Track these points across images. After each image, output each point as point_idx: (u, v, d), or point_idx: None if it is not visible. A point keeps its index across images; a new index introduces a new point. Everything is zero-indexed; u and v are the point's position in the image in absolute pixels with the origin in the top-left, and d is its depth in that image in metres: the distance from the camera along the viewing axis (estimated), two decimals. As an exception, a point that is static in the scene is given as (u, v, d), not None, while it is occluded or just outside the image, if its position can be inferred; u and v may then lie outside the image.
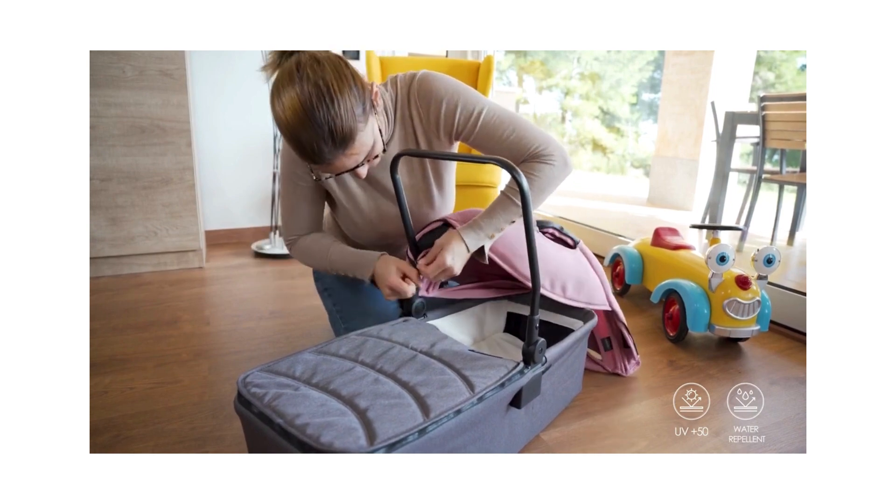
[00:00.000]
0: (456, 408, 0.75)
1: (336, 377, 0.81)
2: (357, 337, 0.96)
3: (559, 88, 8.52)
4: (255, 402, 0.74)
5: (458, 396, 0.77)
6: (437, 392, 0.77)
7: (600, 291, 1.18)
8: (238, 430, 1.03)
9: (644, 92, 7.31)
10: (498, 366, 0.86)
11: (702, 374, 1.32)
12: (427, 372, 0.83)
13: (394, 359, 0.87)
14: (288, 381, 0.79)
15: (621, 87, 7.65)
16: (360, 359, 0.88)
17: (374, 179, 1.14)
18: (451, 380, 0.81)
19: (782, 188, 2.77)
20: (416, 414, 0.72)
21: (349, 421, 0.69)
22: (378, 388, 0.78)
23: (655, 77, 6.54)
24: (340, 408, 0.73)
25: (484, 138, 1.05)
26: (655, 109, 4.88)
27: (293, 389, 0.76)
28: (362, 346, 0.91)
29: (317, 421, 0.69)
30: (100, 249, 1.93)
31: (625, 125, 7.77)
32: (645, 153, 6.83)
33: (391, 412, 0.72)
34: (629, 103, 7.70)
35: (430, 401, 0.75)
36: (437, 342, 0.94)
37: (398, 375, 0.82)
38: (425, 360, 0.87)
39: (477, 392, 0.79)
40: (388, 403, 0.74)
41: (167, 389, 1.18)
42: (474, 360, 0.88)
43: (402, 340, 0.94)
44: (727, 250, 1.40)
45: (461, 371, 0.84)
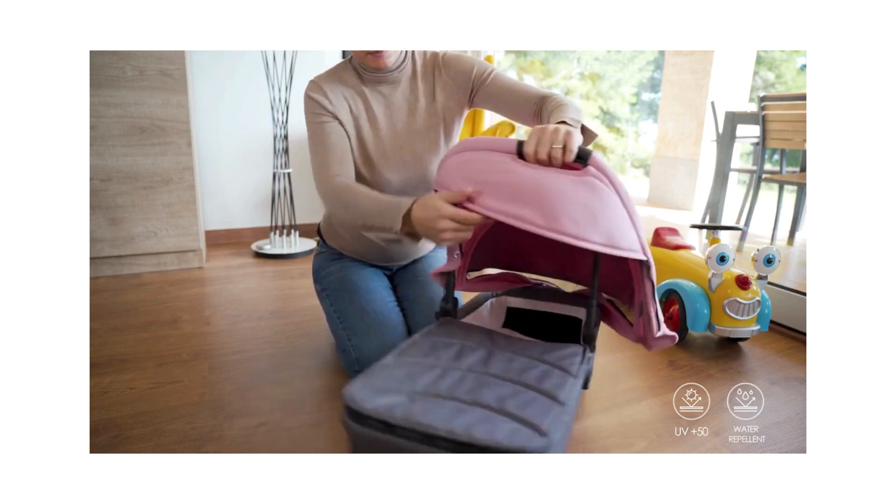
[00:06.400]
0: (572, 389, 0.78)
1: (437, 382, 0.79)
2: (422, 341, 0.93)
3: (559, 88, 8.52)
4: (384, 419, 0.69)
5: (564, 381, 0.80)
6: (547, 381, 0.79)
7: (630, 232, 0.84)
8: (238, 429, 1.03)
9: (644, 92, 7.31)
10: (572, 353, 0.90)
11: (702, 374, 1.32)
12: (517, 364, 0.85)
13: (474, 358, 0.88)
14: (396, 393, 0.75)
15: (621, 87, 7.65)
16: (443, 364, 0.86)
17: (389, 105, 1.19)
18: (547, 369, 0.84)
19: (782, 188, 2.77)
20: (551, 403, 0.74)
21: (502, 419, 0.69)
22: (495, 388, 0.78)
23: (655, 77, 6.54)
24: (480, 410, 0.72)
25: (497, 87, 1.16)
26: (655, 109, 4.88)
27: (410, 400, 0.73)
28: (434, 352, 0.89)
29: (478, 424, 0.67)
30: (100, 249, 1.93)
31: (625, 125, 7.77)
32: (645, 153, 6.83)
33: (532, 406, 0.72)
34: (629, 103, 7.70)
35: (548, 388, 0.77)
36: (496, 338, 0.97)
37: (496, 373, 0.83)
38: (507, 356, 0.89)
39: (576, 375, 0.82)
40: (524, 400, 0.74)
41: (167, 389, 1.18)
42: (549, 349, 0.92)
43: (461, 340, 0.94)
44: (727, 250, 1.40)
45: (546, 360, 0.87)
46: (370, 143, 1.19)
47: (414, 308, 1.25)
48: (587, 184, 0.82)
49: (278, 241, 2.35)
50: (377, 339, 1.15)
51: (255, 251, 2.35)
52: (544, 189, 0.81)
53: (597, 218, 0.80)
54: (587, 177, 0.82)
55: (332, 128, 1.15)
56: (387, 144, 1.20)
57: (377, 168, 1.19)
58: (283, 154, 2.30)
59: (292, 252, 2.32)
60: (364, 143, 1.18)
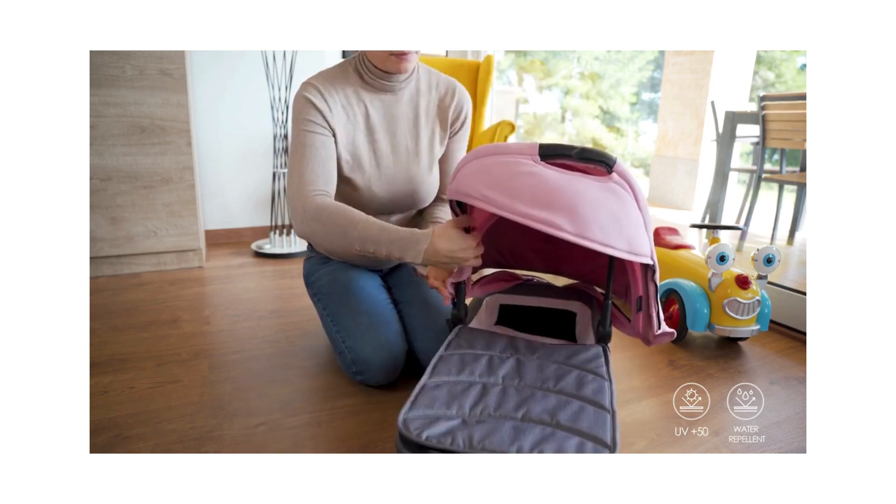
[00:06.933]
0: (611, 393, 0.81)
1: (482, 400, 0.80)
2: (448, 356, 0.93)
3: (559, 88, 8.52)
4: (446, 448, 0.69)
5: (602, 386, 0.82)
6: (586, 388, 0.82)
7: (645, 239, 0.87)
8: (238, 429, 1.03)
9: (644, 92, 7.32)
10: (595, 355, 0.93)
11: (702, 374, 1.32)
12: (549, 372, 0.87)
13: (506, 369, 0.89)
14: (448, 418, 0.75)
15: (621, 86, 7.66)
16: (478, 378, 0.86)
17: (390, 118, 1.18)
18: (580, 375, 0.86)
19: (782, 188, 2.77)
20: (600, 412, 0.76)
21: (564, 435, 0.71)
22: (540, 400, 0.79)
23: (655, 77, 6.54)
24: (538, 427, 0.73)
25: (449, 151, 1.26)
26: (655, 109, 4.88)
27: (464, 424, 0.74)
28: (465, 366, 0.90)
29: (543, 443, 0.69)
30: (100, 249, 1.93)
31: (625, 125, 7.77)
32: (645, 153, 6.83)
33: (584, 418, 0.74)
34: (629, 103, 7.70)
35: (589, 395, 0.79)
36: (516, 342, 0.99)
37: (532, 383, 0.85)
38: (536, 363, 0.91)
39: (608, 378, 0.84)
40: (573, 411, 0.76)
41: (167, 389, 1.18)
42: (572, 352, 0.94)
43: (486, 350, 0.96)
44: (727, 250, 1.40)
45: (574, 364, 0.89)
46: (364, 155, 1.14)
47: (410, 310, 1.25)
48: (612, 191, 0.82)
49: (278, 240, 2.36)
50: (372, 339, 1.15)
51: (254, 251, 2.35)
52: (573, 195, 0.81)
53: (621, 225, 0.81)
54: (611, 183, 0.83)
55: (323, 142, 1.08)
56: (382, 158, 1.16)
57: (368, 181, 1.15)
58: (283, 154, 2.30)
59: (292, 252, 2.32)
60: (358, 154, 1.14)
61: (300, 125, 1.08)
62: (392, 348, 1.15)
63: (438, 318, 1.22)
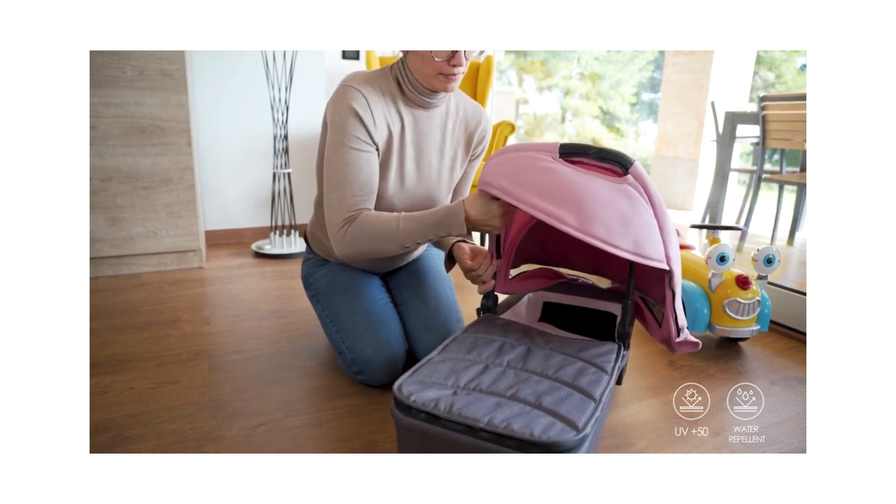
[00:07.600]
0: (606, 387, 0.81)
1: (479, 377, 0.83)
2: (464, 337, 0.98)
3: (559, 88, 8.53)
4: (430, 411, 0.73)
5: (599, 379, 0.82)
6: (583, 378, 0.82)
7: (658, 243, 0.86)
8: (238, 429, 1.03)
9: (644, 92, 7.32)
10: (607, 350, 0.93)
11: (702, 374, 1.32)
12: (554, 361, 0.88)
13: (514, 354, 0.91)
14: (441, 387, 0.80)
15: (621, 87, 7.66)
16: (484, 360, 0.89)
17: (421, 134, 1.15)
18: (582, 366, 0.86)
19: (782, 188, 2.77)
20: (585, 400, 0.76)
21: (538, 414, 0.72)
22: (533, 384, 0.81)
23: (655, 77, 6.54)
24: (519, 404, 0.75)
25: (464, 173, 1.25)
26: (655, 109, 4.88)
27: (454, 394, 0.77)
28: (476, 347, 0.93)
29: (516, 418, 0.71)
30: (100, 249, 1.93)
31: (625, 125, 7.78)
32: (645, 153, 6.83)
33: (567, 402, 0.75)
34: (629, 103, 7.71)
35: (583, 385, 0.80)
36: (534, 334, 1.00)
37: (533, 369, 0.86)
38: (545, 352, 0.92)
39: (611, 373, 0.84)
40: (560, 396, 0.77)
41: (167, 389, 1.18)
42: (585, 346, 0.94)
43: (501, 336, 0.98)
44: (727, 250, 1.40)
45: (582, 357, 0.90)
46: (392, 169, 1.10)
47: (410, 311, 1.24)
48: (623, 191, 0.85)
49: (278, 241, 2.35)
50: (371, 338, 1.14)
51: (255, 251, 2.35)
52: (582, 192, 0.84)
53: (628, 226, 0.83)
54: (625, 185, 0.85)
55: (368, 159, 1.04)
56: (408, 173, 1.13)
57: (390, 194, 1.12)
58: (283, 154, 2.30)
59: (292, 252, 2.32)
60: (387, 167, 1.10)
61: (343, 139, 1.02)
62: (392, 348, 1.15)
63: (438, 318, 1.22)
